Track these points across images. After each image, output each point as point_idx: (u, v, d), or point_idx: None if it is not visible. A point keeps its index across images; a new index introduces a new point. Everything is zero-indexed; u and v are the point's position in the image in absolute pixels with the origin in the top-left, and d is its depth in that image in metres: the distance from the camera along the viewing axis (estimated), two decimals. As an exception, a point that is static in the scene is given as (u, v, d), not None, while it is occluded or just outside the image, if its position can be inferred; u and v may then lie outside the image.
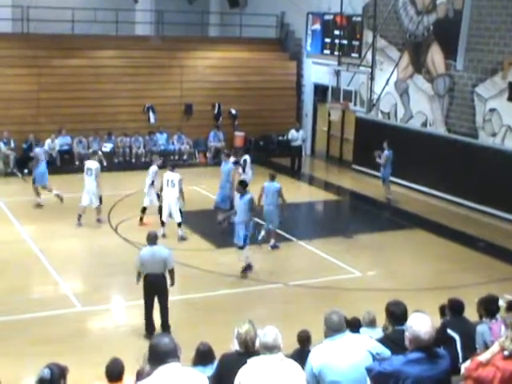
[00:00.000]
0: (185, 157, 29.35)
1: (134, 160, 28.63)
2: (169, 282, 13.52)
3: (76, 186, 23.49)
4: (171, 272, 13.50)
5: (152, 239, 13.57)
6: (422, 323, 6.06)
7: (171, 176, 19.41)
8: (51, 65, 28.27)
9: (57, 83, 27.84)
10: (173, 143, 29.43)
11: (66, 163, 27.33)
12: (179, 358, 5.56)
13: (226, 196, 20.66)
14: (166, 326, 13.42)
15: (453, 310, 9.54)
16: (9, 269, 16.80)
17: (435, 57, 24.92)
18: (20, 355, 12.41)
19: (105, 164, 27.49)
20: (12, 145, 26.54)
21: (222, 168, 21.01)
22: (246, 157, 22.31)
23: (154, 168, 20.49)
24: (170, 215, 19.45)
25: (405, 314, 7.71)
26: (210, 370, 8.01)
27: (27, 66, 27.76)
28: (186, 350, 7.31)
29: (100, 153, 25.54)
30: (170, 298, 13.78)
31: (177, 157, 29.24)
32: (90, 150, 25.14)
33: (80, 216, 20.27)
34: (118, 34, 30.54)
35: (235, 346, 7.64)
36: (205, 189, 24.52)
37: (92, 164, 20.67)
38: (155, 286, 13.38)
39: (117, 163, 28.20)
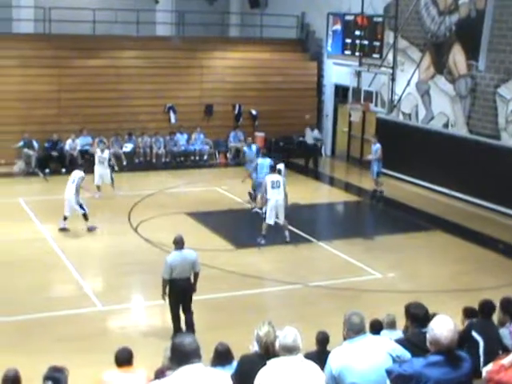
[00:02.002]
0: (205, 157, 29.37)
1: (154, 160, 28.70)
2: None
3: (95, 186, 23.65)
4: (197, 275, 13.27)
5: (180, 243, 13.23)
6: (443, 327, 5.97)
7: (276, 177, 19.19)
8: (72, 65, 28.38)
9: (78, 83, 27.96)
10: (193, 143, 29.46)
11: (86, 163, 27.38)
12: (201, 357, 5.53)
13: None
14: (192, 331, 13.05)
15: (483, 312, 9.45)
16: (30, 267, 16.86)
17: (457, 57, 24.78)
18: (40, 353, 12.45)
19: (125, 163, 27.73)
20: (35, 145, 26.66)
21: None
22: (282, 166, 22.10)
23: (79, 173, 20.15)
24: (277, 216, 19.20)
25: (426, 316, 7.66)
26: (229, 370, 7.97)
27: (49, 66, 27.90)
28: (206, 351, 7.30)
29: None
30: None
31: (197, 157, 29.29)
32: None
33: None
34: (139, 34, 30.59)
35: (254, 347, 7.63)
36: (226, 189, 24.54)
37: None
38: (183, 292, 13.14)
39: (137, 163, 28.27)
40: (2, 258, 17.25)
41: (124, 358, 8.84)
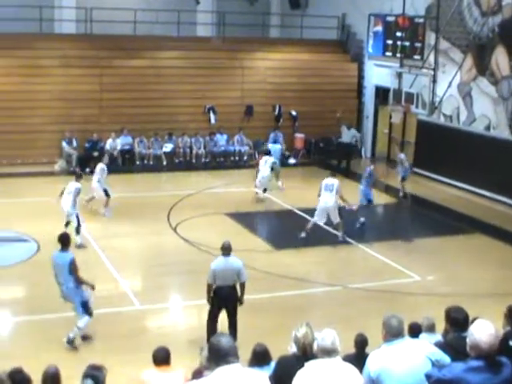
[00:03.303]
0: (245, 158, 29.39)
1: (194, 160, 28.81)
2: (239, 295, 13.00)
3: (136, 186, 23.83)
4: (243, 286, 12.97)
5: (227, 249, 12.92)
6: (483, 331, 5.88)
7: (331, 181, 19.41)
8: (113, 65, 28.59)
9: (118, 83, 28.16)
10: (233, 144, 29.51)
11: (127, 163, 27.66)
12: (239, 358, 5.52)
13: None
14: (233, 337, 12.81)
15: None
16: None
17: (500, 59, 24.50)
18: (79, 351, 12.61)
19: (164, 163, 27.93)
20: (74, 144, 26.99)
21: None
22: None
23: (76, 185, 19.17)
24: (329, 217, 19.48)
25: (466, 320, 7.57)
26: (267, 371, 7.94)
27: (90, 66, 28.12)
28: (244, 351, 7.29)
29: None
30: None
31: (237, 158, 29.35)
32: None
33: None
34: (180, 35, 30.73)
35: (292, 349, 7.60)
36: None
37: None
38: (225, 299, 12.87)
39: (177, 163, 28.42)
40: (42, 256, 17.40)
41: (162, 358, 8.86)
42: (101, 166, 21.37)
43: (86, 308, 12.93)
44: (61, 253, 13.06)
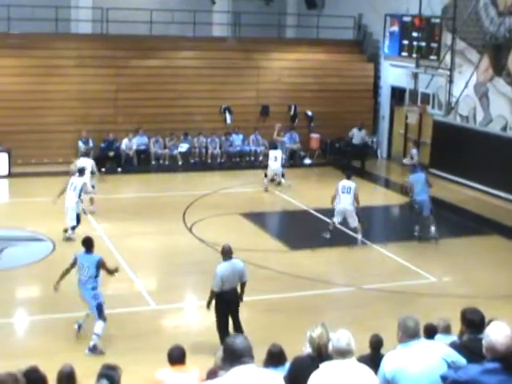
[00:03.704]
0: (260, 158, 29.36)
1: (209, 160, 28.81)
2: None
3: (151, 186, 23.81)
4: (244, 285, 13.04)
5: (228, 253, 12.95)
6: (499, 333, 5.83)
7: (347, 183, 19.45)
8: (129, 65, 28.65)
9: (134, 83, 28.21)
10: (248, 144, 29.50)
11: (142, 163, 27.69)
12: (253, 358, 5.51)
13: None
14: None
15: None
16: (85, 266, 17.01)
17: (517, 59, 24.39)
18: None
19: (180, 163, 27.93)
20: (91, 144, 27.01)
21: None
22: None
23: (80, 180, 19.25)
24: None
25: (482, 322, 7.53)
26: (282, 371, 7.93)
27: (106, 66, 28.20)
28: (258, 352, 7.28)
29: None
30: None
31: (252, 158, 29.32)
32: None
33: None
34: (195, 35, 30.75)
35: (307, 349, 7.59)
36: (280, 190, 24.51)
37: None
38: (230, 303, 12.90)
39: (193, 163, 28.43)
40: (58, 255, 17.47)
41: (177, 357, 8.85)
42: (92, 162, 21.54)
43: (100, 310, 12.93)
44: (86, 254, 13.08)
